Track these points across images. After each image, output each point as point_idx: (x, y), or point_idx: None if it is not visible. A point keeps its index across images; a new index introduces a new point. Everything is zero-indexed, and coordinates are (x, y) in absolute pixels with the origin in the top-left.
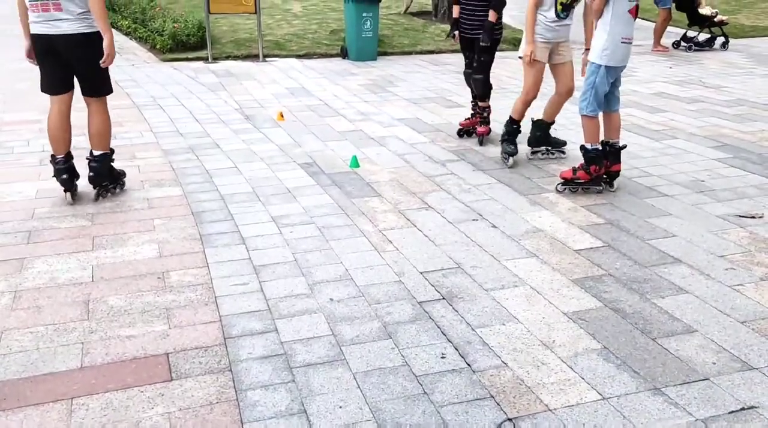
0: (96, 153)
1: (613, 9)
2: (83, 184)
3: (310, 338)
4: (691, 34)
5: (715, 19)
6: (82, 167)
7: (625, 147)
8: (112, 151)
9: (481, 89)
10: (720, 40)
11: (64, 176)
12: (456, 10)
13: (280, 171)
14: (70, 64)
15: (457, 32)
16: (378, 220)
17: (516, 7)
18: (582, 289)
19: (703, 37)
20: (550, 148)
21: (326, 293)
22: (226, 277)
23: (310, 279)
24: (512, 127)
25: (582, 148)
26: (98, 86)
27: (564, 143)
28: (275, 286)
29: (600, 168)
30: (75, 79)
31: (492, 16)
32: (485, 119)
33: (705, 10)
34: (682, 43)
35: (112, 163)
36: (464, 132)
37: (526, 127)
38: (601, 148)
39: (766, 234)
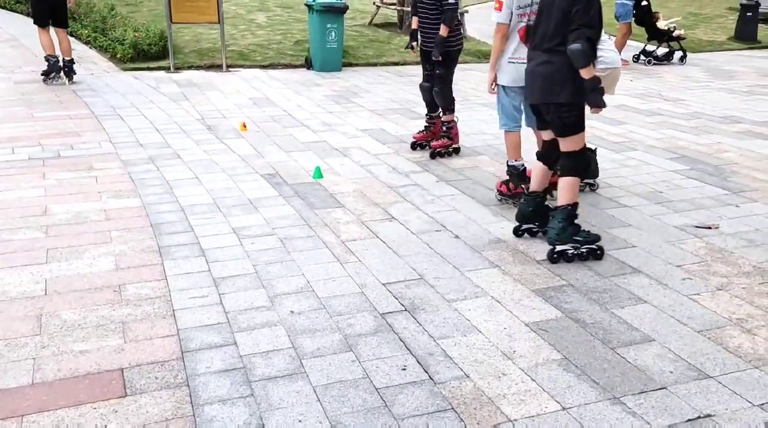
0: (67, 59)
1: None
2: None
3: (270, 351)
4: (650, 48)
5: (674, 34)
6: None
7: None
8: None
9: (441, 102)
10: (678, 54)
11: (59, 64)
12: (415, 21)
13: (242, 182)
14: (52, 10)
15: (414, 44)
16: (341, 231)
17: (479, 20)
18: (543, 300)
19: (661, 51)
20: None
21: (287, 305)
22: (184, 290)
23: (271, 292)
24: None
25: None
26: (66, 21)
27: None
28: (235, 299)
29: (516, 186)
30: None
31: (443, 30)
32: (446, 133)
33: (663, 24)
34: (642, 57)
35: (74, 64)
36: (417, 145)
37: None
38: (519, 165)
39: (722, 244)
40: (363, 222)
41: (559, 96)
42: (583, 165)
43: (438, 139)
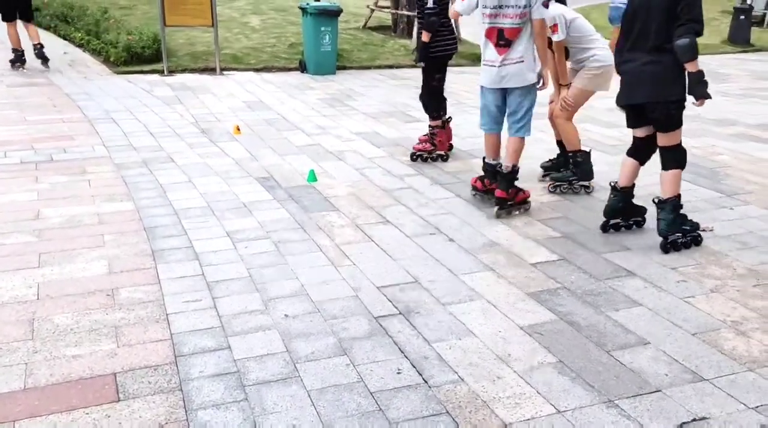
0: (35, 43)
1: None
2: None
3: (264, 355)
4: None
5: None
6: None
7: (498, 166)
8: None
9: (423, 106)
10: None
11: (24, 57)
12: None
13: (236, 185)
14: (16, 7)
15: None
16: (335, 235)
17: (475, 23)
18: (537, 303)
19: None
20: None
21: (281, 309)
22: (178, 294)
23: (265, 295)
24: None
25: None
26: (31, 14)
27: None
28: (229, 303)
29: (491, 183)
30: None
31: (424, 35)
32: (431, 139)
33: None
34: None
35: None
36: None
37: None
38: (495, 163)
39: (716, 246)
40: (357, 225)
41: (671, 93)
42: (684, 156)
43: (425, 142)
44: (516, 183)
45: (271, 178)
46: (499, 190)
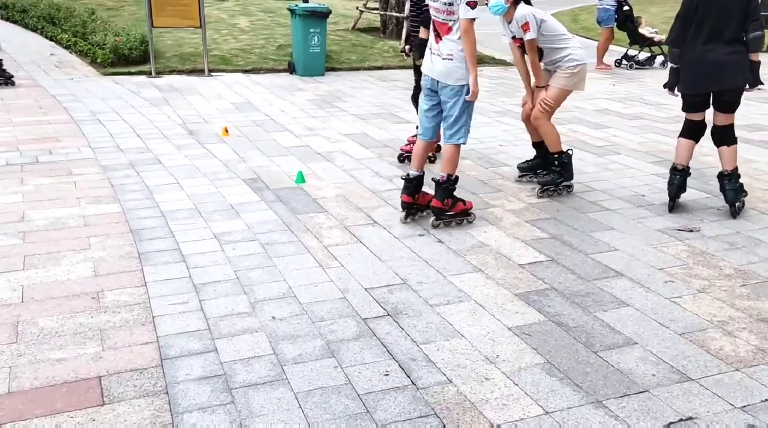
0: None
1: None
2: None
3: (251, 357)
4: (632, 52)
5: (655, 39)
6: None
7: (409, 177)
8: None
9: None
10: (659, 58)
11: None
12: (423, 32)
13: (224, 187)
14: None
15: (407, 47)
16: (323, 236)
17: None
18: (526, 303)
19: (643, 55)
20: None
21: (268, 311)
22: (164, 296)
23: (252, 298)
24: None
25: None
26: None
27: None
28: (216, 305)
29: (408, 196)
30: None
31: (422, 32)
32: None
33: (645, 30)
34: (624, 62)
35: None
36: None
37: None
38: (413, 175)
39: (704, 247)
40: (346, 227)
41: (746, 79)
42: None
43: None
44: (455, 193)
45: (259, 180)
46: (435, 199)
